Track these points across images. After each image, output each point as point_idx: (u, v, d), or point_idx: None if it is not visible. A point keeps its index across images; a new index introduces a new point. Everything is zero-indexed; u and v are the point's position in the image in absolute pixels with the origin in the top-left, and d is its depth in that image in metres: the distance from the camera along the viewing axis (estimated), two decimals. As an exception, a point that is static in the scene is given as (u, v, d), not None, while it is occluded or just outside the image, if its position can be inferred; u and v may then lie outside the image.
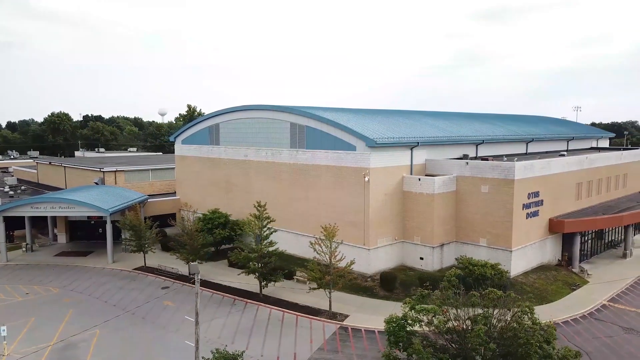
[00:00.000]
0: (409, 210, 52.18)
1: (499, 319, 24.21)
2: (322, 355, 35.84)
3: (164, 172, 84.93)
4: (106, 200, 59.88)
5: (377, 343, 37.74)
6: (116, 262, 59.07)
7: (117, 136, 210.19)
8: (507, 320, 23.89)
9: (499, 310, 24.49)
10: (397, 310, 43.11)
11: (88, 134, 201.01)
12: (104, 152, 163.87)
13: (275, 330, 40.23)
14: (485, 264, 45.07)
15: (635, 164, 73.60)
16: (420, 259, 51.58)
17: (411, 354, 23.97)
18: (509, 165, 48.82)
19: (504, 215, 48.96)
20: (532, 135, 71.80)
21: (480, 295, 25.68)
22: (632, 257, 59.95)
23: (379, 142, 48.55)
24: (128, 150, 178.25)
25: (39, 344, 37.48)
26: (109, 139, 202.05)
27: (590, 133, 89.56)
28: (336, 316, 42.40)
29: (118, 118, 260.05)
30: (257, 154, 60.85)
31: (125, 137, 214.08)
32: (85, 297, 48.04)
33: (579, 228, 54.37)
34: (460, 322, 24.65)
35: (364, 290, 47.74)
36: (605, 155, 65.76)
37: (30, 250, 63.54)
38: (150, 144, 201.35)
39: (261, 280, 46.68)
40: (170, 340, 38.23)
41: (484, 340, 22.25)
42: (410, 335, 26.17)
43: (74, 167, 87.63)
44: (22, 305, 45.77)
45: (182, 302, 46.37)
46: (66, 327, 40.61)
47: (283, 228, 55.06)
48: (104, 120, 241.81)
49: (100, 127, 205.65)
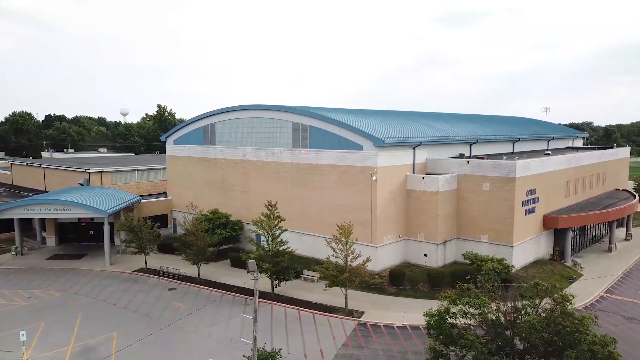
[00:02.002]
0: (412, 209, 53.34)
1: (544, 308, 25.41)
2: (348, 351, 36.42)
3: (150, 173, 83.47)
4: (102, 201, 58.61)
5: (399, 338, 38.63)
6: (113, 265, 57.92)
7: (84, 136, 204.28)
8: (553, 309, 25.10)
9: (539, 300, 25.71)
10: (409, 306, 44.70)
11: (53, 134, 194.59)
12: (73, 152, 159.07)
13: (296, 328, 40.54)
14: (492, 259, 46.62)
15: (612, 163, 77.30)
16: (424, 255, 52.81)
17: (462, 346, 24.82)
18: (510, 163, 50.64)
19: (505, 212, 50.72)
20: (518, 135, 74.45)
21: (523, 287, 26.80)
22: (616, 250, 63.06)
23: (387, 141, 49.50)
24: (98, 150, 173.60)
25: (55, 349, 36.59)
26: (75, 139, 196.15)
27: (567, 133, 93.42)
28: (352, 313, 43.03)
29: (82, 118, 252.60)
30: (256, 154, 60.81)
31: (93, 138, 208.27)
32: (91, 301, 47.01)
33: (571, 224, 56.89)
34: (509, 314, 25.75)
35: (373, 287, 48.48)
36: (589, 155, 68.91)
37: (20, 253, 61.47)
38: (120, 144, 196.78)
39: (273, 279, 46.85)
40: (193, 341, 38.00)
41: (537, 330, 23.34)
42: (453, 329, 27.07)
43: (54, 168, 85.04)
44: (26, 310, 44.43)
45: (193, 303, 46.03)
46: (80, 331, 39.74)
47: (285, 227, 55.12)
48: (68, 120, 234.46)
49: (66, 127, 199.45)
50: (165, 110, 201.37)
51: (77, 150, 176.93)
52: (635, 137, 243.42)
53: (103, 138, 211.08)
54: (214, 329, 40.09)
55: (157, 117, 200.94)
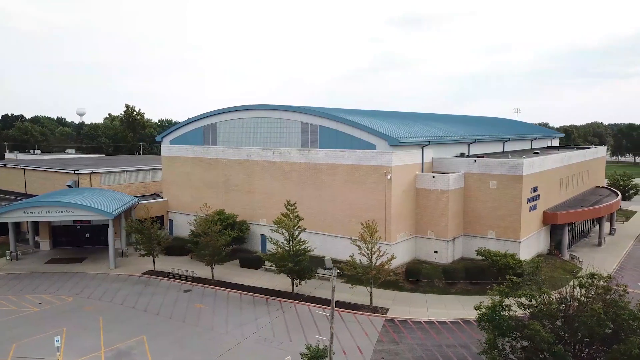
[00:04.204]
0: (422, 207, 54.53)
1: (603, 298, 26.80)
2: (385, 347, 37.09)
3: (138, 174, 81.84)
4: (105, 203, 57.14)
5: (429, 332, 39.61)
6: (118, 268, 56.57)
7: (47, 137, 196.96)
8: (609, 299, 26.53)
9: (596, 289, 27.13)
10: (430, 301, 45.89)
11: (15, 134, 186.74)
12: (40, 154, 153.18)
13: (326, 326, 40.69)
14: (504, 254, 48.28)
15: (593, 162, 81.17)
16: (434, 252, 54.08)
17: (527, 337, 25.84)
18: (517, 162, 52.55)
19: (512, 209, 52.56)
20: (508, 136, 77.11)
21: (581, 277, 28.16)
22: (606, 244, 66.30)
23: (402, 141, 50.49)
24: (66, 152, 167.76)
25: (87, 354, 35.67)
26: (39, 140, 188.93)
27: (547, 134, 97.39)
28: (377, 310, 43.74)
29: (42, 118, 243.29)
30: (261, 154, 60.65)
31: (57, 138, 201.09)
32: (107, 304, 45.89)
33: (569, 219, 59.49)
34: (568, 304, 27.05)
35: (390, 284, 49.28)
36: (577, 154, 72.19)
37: (15, 258, 59.10)
38: (87, 145, 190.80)
39: (294, 278, 47.01)
40: (229, 342, 37.73)
41: (602, 319, 24.65)
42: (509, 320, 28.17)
43: (37, 169, 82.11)
44: (42, 316, 42.95)
45: (214, 305, 45.65)
46: (107, 335, 38.81)
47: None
48: (28, 120, 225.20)
49: (28, 127, 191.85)
50: (134, 111, 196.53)
51: (43, 151, 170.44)
52: (591, 138, 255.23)
53: (67, 139, 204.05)
54: (245, 330, 39.93)
55: (125, 117, 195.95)
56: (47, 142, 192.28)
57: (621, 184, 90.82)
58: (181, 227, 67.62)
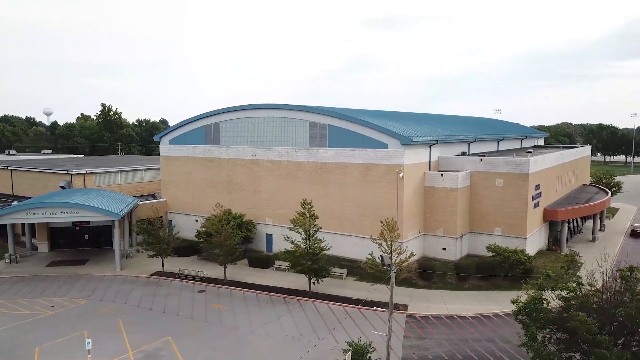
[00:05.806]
0: (431, 204, 55.37)
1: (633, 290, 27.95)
2: (413, 343, 37.63)
3: (132, 174, 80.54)
4: (110, 204, 56.03)
5: (453, 327, 40.37)
6: (124, 269, 55.58)
7: (20, 137, 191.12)
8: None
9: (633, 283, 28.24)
10: (446, 297, 46.73)
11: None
12: (15, 154, 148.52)
13: (350, 323, 41.16)
14: (515, 250, 49.55)
15: (581, 160, 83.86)
16: (442, 249, 55.00)
17: (572, 329, 26.66)
18: (523, 160, 53.95)
19: (518, 206, 53.92)
20: (502, 135, 78.95)
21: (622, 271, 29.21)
22: (599, 240, 68.56)
23: (415, 140, 51.20)
24: (42, 152, 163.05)
25: (115, 357, 35.05)
26: (12, 140, 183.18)
27: (534, 133, 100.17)
28: (397, 307, 44.23)
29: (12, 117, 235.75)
30: (267, 154, 60.48)
31: (31, 138, 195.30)
32: (122, 306, 45.12)
33: (567, 216, 61.36)
34: (610, 296, 28.07)
35: (403, 281, 49.85)
36: (569, 153, 74.50)
37: (14, 261, 57.37)
38: (62, 145, 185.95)
39: (311, 277, 47.14)
40: (256, 341, 37.60)
41: (645, 309, 25.73)
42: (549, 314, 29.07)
43: (25, 170, 79.92)
44: (57, 319, 41.93)
45: (232, 304, 45.39)
46: (131, 337, 38.19)
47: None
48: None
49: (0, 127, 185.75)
50: (111, 110, 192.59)
51: (18, 151, 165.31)
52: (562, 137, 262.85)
53: (41, 139, 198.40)
54: (270, 329, 39.88)
55: (102, 117, 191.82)
56: (20, 142, 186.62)
57: (604, 182, 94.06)
58: (181, 227, 66.69)
